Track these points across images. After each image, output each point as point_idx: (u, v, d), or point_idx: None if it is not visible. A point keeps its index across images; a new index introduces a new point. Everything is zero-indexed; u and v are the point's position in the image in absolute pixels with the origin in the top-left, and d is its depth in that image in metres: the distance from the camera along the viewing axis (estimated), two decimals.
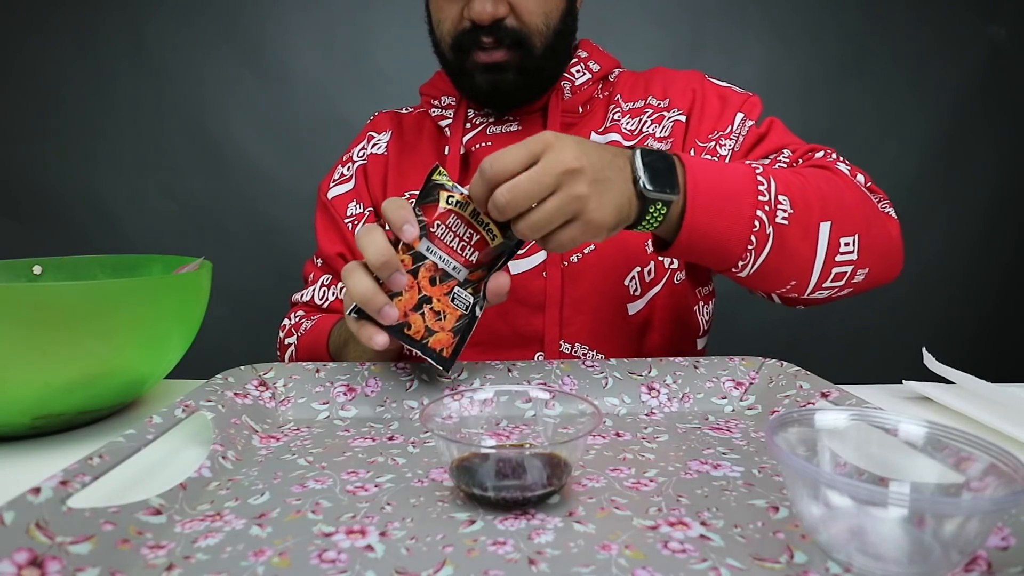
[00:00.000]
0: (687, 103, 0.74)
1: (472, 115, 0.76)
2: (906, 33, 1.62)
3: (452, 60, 0.71)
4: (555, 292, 0.69)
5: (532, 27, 0.68)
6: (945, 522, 0.28)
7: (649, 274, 0.71)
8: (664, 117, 0.74)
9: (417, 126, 0.82)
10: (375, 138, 0.83)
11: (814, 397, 0.51)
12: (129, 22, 1.56)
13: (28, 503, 0.30)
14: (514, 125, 0.74)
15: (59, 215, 1.61)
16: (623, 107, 0.76)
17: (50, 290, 0.45)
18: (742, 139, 0.71)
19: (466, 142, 0.74)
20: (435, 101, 0.78)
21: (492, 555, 0.31)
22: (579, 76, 0.75)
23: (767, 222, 0.54)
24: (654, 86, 0.77)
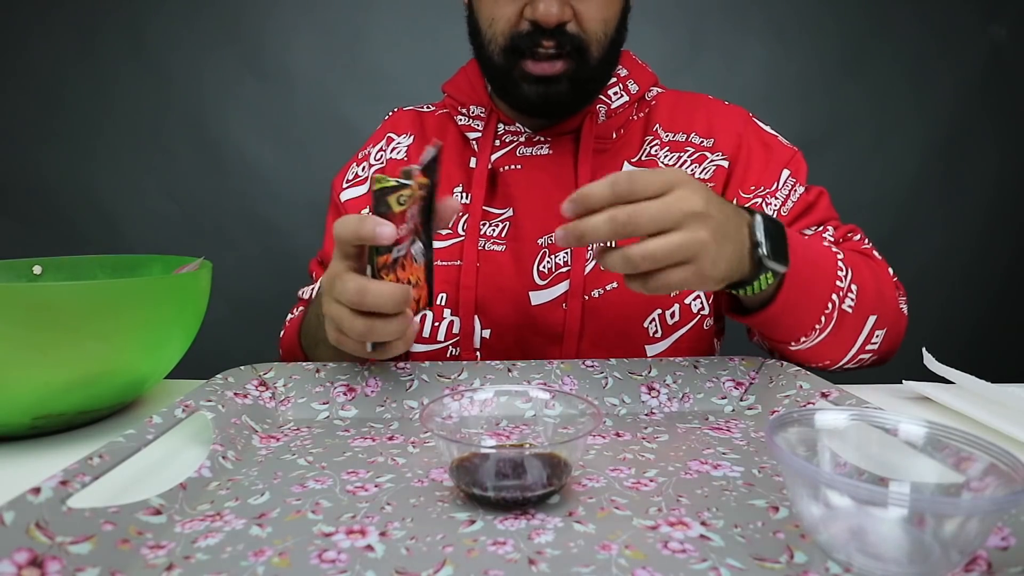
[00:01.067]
0: (732, 147, 0.71)
1: (502, 131, 0.72)
2: (906, 33, 1.62)
3: (501, 64, 0.66)
4: (574, 324, 0.67)
5: (592, 35, 0.64)
6: (945, 522, 0.28)
7: (672, 317, 0.69)
8: (706, 159, 0.71)
9: (440, 130, 0.77)
10: (395, 141, 0.79)
11: (814, 397, 0.51)
12: (130, 22, 1.56)
13: (28, 503, 0.30)
14: (544, 148, 0.71)
15: (59, 215, 1.61)
16: (662, 138, 0.72)
17: (50, 290, 0.45)
18: (791, 204, 0.70)
19: (494, 161, 0.71)
20: (463, 109, 0.74)
21: (492, 555, 0.31)
22: (616, 99, 0.72)
23: (837, 306, 0.56)
24: (697, 120, 0.73)
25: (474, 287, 0.68)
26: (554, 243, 0.62)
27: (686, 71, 1.59)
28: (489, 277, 0.69)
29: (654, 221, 0.43)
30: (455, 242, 0.70)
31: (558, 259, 0.69)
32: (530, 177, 0.70)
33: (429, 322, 0.70)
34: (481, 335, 0.69)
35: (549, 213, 0.69)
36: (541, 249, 0.69)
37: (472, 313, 0.68)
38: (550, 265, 0.69)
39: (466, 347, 0.69)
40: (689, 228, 0.44)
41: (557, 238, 0.46)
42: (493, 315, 0.69)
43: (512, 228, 0.70)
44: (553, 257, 0.69)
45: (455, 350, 0.70)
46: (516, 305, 0.69)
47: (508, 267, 0.69)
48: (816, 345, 0.59)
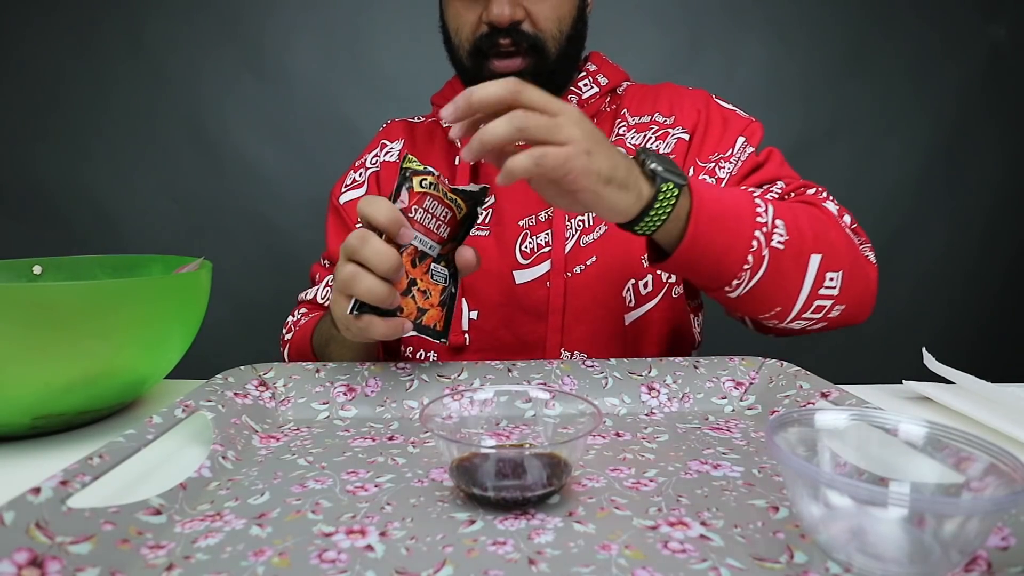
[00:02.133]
0: (692, 122, 0.75)
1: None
2: (906, 33, 1.62)
3: (470, 67, 0.72)
4: (558, 301, 0.71)
5: (547, 32, 0.69)
6: (945, 522, 0.28)
7: (645, 287, 0.73)
8: (668, 134, 0.75)
9: (429, 136, 0.83)
10: (388, 146, 0.84)
11: (814, 397, 0.51)
12: (129, 22, 1.56)
13: (28, 503, 0.30)
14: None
15: (59, 215, 1.61)
16: (629, 121, 0.77)
17: (50, 290, 0.45)
18: (740, 163, 0.73)
19: None
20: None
21: (492, 555, 0.31)
22: (586, 90, 0.77)
23: (763, 244, 0.55)
24: (661, 102, 0.78)
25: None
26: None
27: (686, 71, 1.59)
28: None
29: (544, 125, 0.46)
30: None
31: (539, 240, 0.73)
32: None
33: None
34: (469, 316, 0.73)
35: (529, 197, 0.73)
36: (522, 231, 0.73)
37: (460, 296, 0.72)
38: (532, 246, 0.73)
39: (455, 329, 0.72)
40: (568, 116, 0.47)
41: (464, 153, 0.48)
42: (479, 296, 0.73)
43: (494, 215, 0.74)
44: (534, 238, 0.73)
45: None
46: (501, 285, 0.72)
47: (492, 250, 0.73)
48: (754, 289, 0.57)
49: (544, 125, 0.46)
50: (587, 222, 0.72)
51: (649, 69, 1.57)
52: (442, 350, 0.74)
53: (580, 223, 0.72)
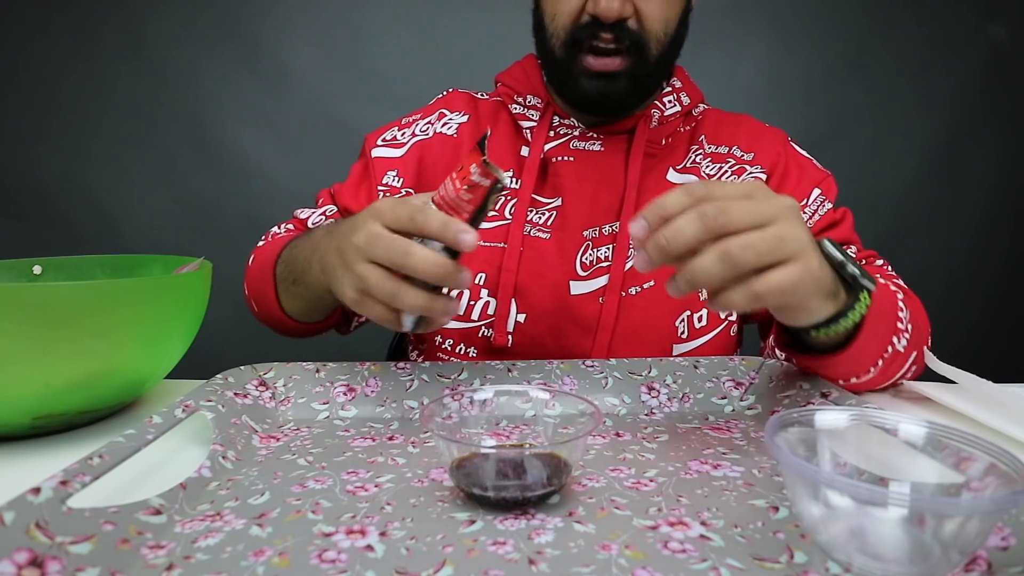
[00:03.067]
0: (770, 163, 0.74)
1: (556, 123, 0.73)
2: (906, 33, 1.62)
3: (561, 58, 0.68)
4: (609, 319, 0.69)
5: (652, 33, 0.66)
6: (945, 522, 0.28)
7: (699, 320, 0.70)
8: (745, 171, 0.74)
9: (494, 117, 0.78)
10: (447, 117, 0.78)
11: (814, 397, 0.51)
12: (129, 22, 1.56)
13: (28, 503, 0.30)
14: (597, 144, 0.72)
15: (59, 215, 1.61)
16: (706, 148, 0.75)
17: (50, 290, 0.45)
18: (817, 218, 0.72)
19: (547, 150, 0.72)
20: (518, 98, 0.75)
21: (492, 555, 0.31)
22: (669, 107, 0.73)
23: (896, 347, 0.55)
24: (740, 136, 0.76)
25: (515, 270, 0.70)
26: (629, 248, 0.65)
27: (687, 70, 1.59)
28: (531, 263, 0.70)
29: (747, 213, 0.38)
30: (500, 224, 0.71)
31: (600, 253, 0.70)
32: (581, 170, 0.71)
33: (465, 300, 0.71)
34: (516, 319, 0.70)
35: (597, 207, 0.71)
36: (585, 241, 0.70)
37: (510, 296, 0.70)
38: (592, 258, 0.70)
39: (499, 329, 0.70)
40: (786, 221, 0.39)
41: (637, 264, 0.42)
42: (530, 300, 0.70)
43: (559, 218, 0.71)
44: (595, 251, 0.70)
45: (488, 331, 0.71)
46: (555, 292, 0.70)
47: (551, 255, 0.70)
48: (863, 383, 0.57)
49: (766, 248, 0.38)
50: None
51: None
52: (482, 348, 0.71)
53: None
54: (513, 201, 0.72)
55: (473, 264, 0.70)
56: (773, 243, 0.38)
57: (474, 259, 0.70)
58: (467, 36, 1.54)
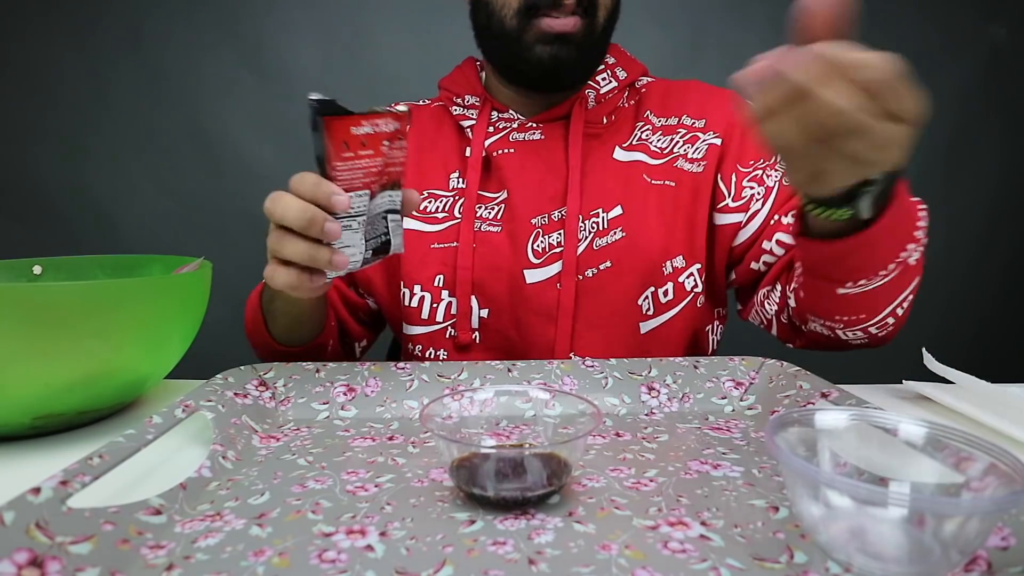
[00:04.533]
0: (724, 125, 0.73)
1: (495, 118, 0.74)
2: (906, 33, 1.62)
3: (513, 28, 0.67)
4: (568, 304, 0.69)
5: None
6: (945, 522, 0.28)
7: (665, 295, 0.71)
8: (698, 139, 0.73)
9: (436, 121, 0.79)
10: None
11: (814, 397, 0.51)
12: (128, 21, 1.56)
13: (28, 503, 0.30)
14: (536, 133, 0.73)
15: (59, 215, 1.61)
16: (654, 123, 0.74)
17: (50, 290, 0.45)
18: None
19: (488, 146, 0.73)
20: (457, 99, 0.76)
21: (492, 555, 0.31)
22: (604, 84, 0.74)
23: (908, 257, 0.53)
24: (689, 103, 0.75)
25: (471, 267, 0.70)
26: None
27: (687, 70, 1.58)
28: (485, 257, 0.71)
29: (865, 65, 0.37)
30: (451, 224, 0.72)
31: (551, 239, 0.70)
32: (523, 160, 0.72)
33: (428, 303, 0.72)
34: (479, 314, 0.71)
35: (542, 195, 0.71)
36: (535, 229, 0.71)
37: (469, 293, 0.70)
38: (543, 245, 0.70)
39: (463, 327, 0.71)
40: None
41: (745, 77, 0.39)
42: (489, 294, 0.71)
43: (507, 210, 0.71)
44: (546, 237, 0.71)
45: (453, 331, 0.72)
46: (511, 283, 0.70)
47: (504, 247, 0.71)
48: (867, 292, 0.55)
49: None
50: (601, 225, 0.70)
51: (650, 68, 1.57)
52: (450, 348, 0.72)
53: (594, 225, 0.70)
54: (461, 200, 0.73)
55: (430, 266, 0.72)
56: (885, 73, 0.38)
57: (430, 261, 0.72)
58: (467, 36, 1.54)
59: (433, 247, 0.72)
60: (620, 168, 0.72)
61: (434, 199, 0.74)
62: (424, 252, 0.72)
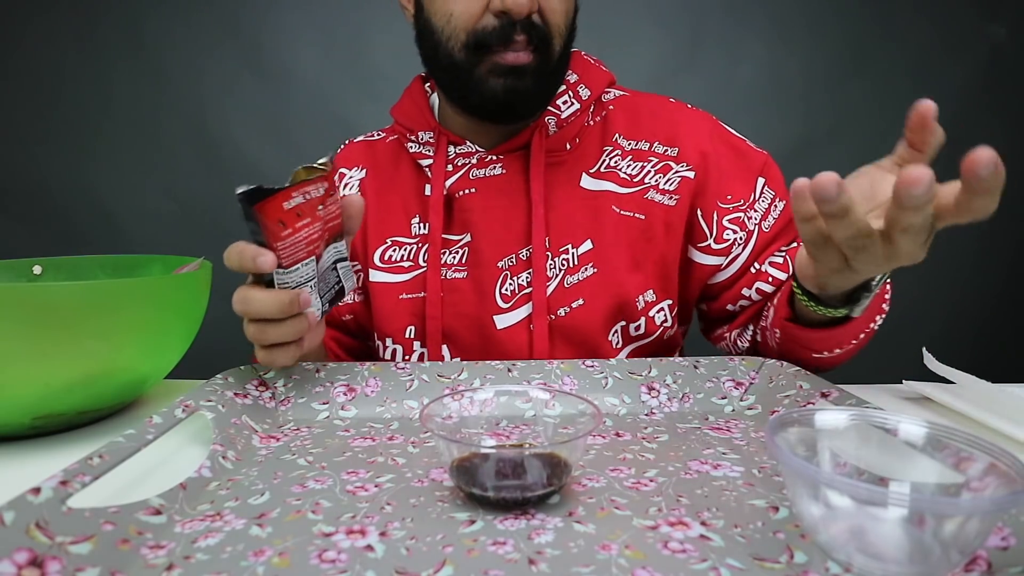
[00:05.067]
0: (697, 157, 0.69)
1: (453, 154, 0.69)
2: (907, 32, 1.62)
3: (462, 61, 0.62)
4: (542, 345, 0.66)
5: (555, 27, 0.62)
6: (945, 522, 0.28)
7: (637, 329, 0.69)
8: (671, 168, 0.69)
9: (393, 159, 0.74)
10: (347, 176, 0.76)
11: (814, 397, 0.51)
12: (129, 21, 1.56)
13: (28, 503, 0.30)
14: (497, 168, 0.68)
15: (59, 215, 1.61)
16: (624, 147, 0.70)
17: (50, 290, 0.45)
18: (772, 219, 0.69)
19: (448, 187, 0.69)
20: (411, 136, 0.71)
21: (492, 555, 0.31)
22: (566, 107, 0.68)
23: (875, 325, 0.59)
24: (659, 127, 0.71)
25: (440, 316, 0.68)
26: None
27: (687, 70, 1.59)
28: (453, 305, 0.68)
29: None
30: (417, 274, 0.70)
31: (520, 280, 0.68)
32: (485, 200, 0.68)
33: (400, 356, 0.71)
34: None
35: (508, 235, 0.68)
36: (502, 272, 0.68)
37: (439, 343, 0.68)
38: (512, 287, 0.68)
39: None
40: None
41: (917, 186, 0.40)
42: (461, 343, 0.69)
43: (471, 254, 0.68)
44: (515, 279, 0.68)
45: None
46: (481, 331, 0.68)
47: (470, 294, 0.68)
48: (839, 354, 0.60)
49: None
50: (571, 262, 0.67)
51: (649, 69, 1.57)
52: None
53: (564, 262, 0.67)
54: (425, 247, 0.70)
55: (400, 317, 0.70)
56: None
57: (400, 312, 0.70)
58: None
59: (402, 298, 0.70)
60: (588, 198, 0.68)
61: (398, 247, 0.71)
62: (394, 304, 0.70)
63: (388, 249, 0.72)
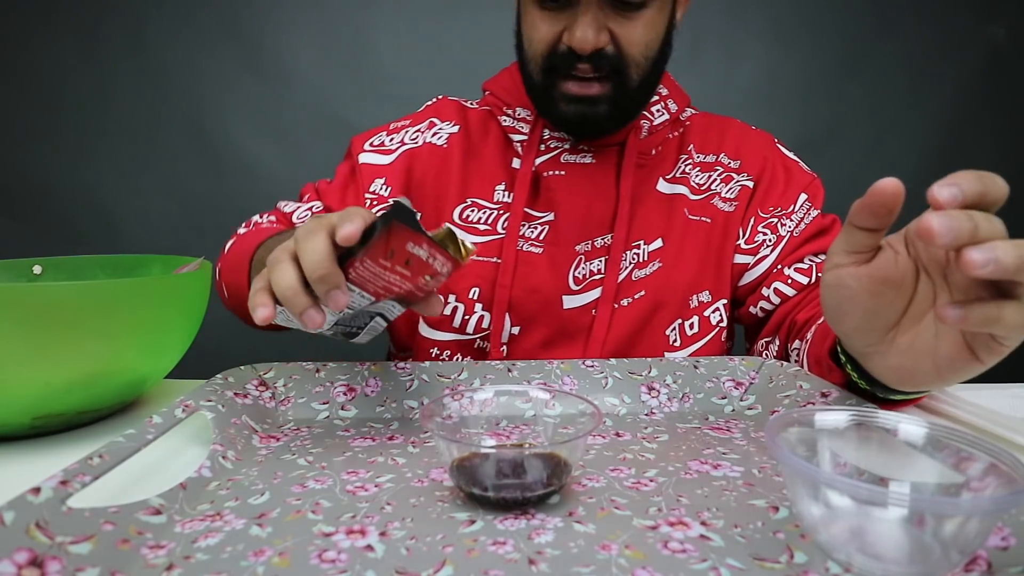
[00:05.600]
0: (757, 169, 0.75)
1: (547, 136, 0.73)
2: (905, 33, 1.62)
3: (539, 82, 0.67)
4: (601, 331, 0.69)
5: (631, 58, 0.64)
6: (945, 522, 0.28)
7: (691, 328, 0.72)
8: (733, 179, 0.74)
9: (483, 128, 0.76)
10: (437, 126, 0.77)
11: (814, 397, 0.51)
12: (129, 22, 1.56)
13: (28, 503, 0.30)
14: (588, 156, 0.72)
15: (59, 215, 1.61)
16: (695, 158, 0.75)
17: (50, 290, 0.45)
18: (804, 225, 0.73)
19: (538, 165, 0.72)
20: (507, 109, 0.74)
21: (492, 555, 0.31)
22: (658, 116, 0.73)
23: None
24: (727, 142, 0.76)
25: (509, 286, 0.70)
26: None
27: (686, 71, 1.58)
28: (524, 278, 0.70)
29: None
30: (492, 239, 0.71)
31: (592, 266, 0.71)
32: (573, 183, 0.71)
33: (460, 315, 0.71)
34: (510, 331, 0.71)
35: (589, 220, 0.71)
36: (578, 255, 0.71)
37: (504, 311, 0.70)
38: (585, 272, 0.71)
39: (494, 343, 0.71)
40: None
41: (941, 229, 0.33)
42: (524, 314, 0.71)
43: (551, 232, 0.71)
44: (588, 264, 0.71)
45: (484, 344, 0.72)
46: (548, 307, 0.70)
47: (544, 270, 0.70)
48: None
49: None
50: (641, 257, 0.71)
51: None
52: (476, 359, 0.72)
53: (635, 256, 0.71)
54: (505, 215, 0.72)
55: (468, 277, 0.71)
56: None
57: (468, 272, 0.71)
58: (467, 37, 1.54)
59: (472, 259, 0.71)
60: (663, 200, 0.73)
61: (477, 209, 0.73)
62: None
63: (467, 208, 0.73)
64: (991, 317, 0.33)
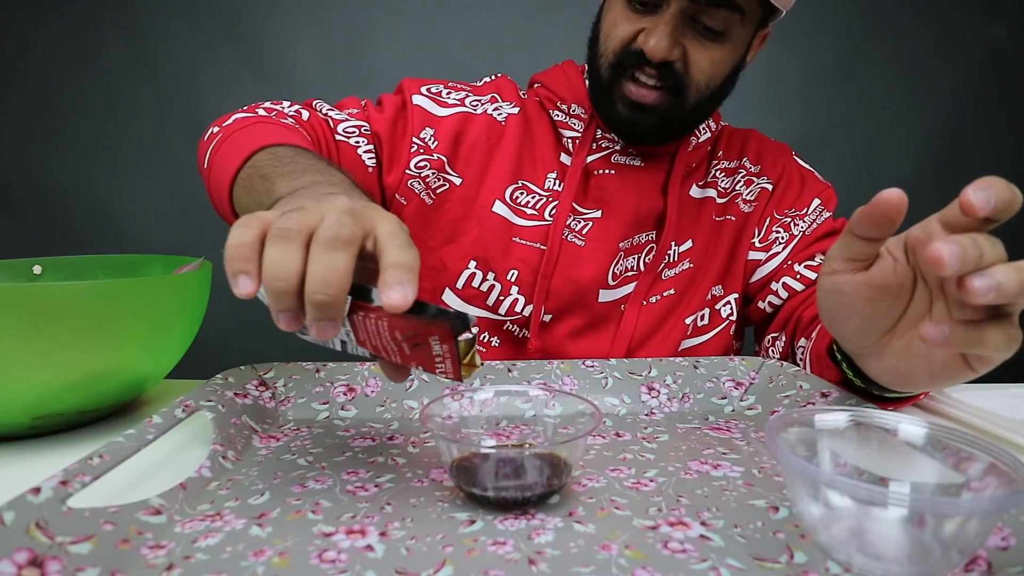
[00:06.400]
0: (776, 174, 0.77)
1: (599, 135, 0.73)
2: (904, 34, 1.62)
3: (605, 79, 0.68)
4: (628, 326, 0.72)
5: (694, 80, 0.66)
6: (945, 522, 0.28)
7: (702, 319, 0.75)
8: (753, 182, 0.77)
9: (537, 117, 0.76)
10: (499, 102, 0.76)
11: (814, 397, 0.51)
12: (131, 23, 1.56)
13: (28, 503, 0.30)
14: (638, 160, 0.73)
15: (59, 215, 1.61)
16: (722, 164, 0.78)
17: (50, 290, 0.45)
18: (816, 225, 0.75)
19: (589, 162, 0.73)
20: (561, 104, 0.75)
21: (492, 555, 0.31)
22: (703, 134, 0.76)
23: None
24: (749, 149, 0.79)
25: (551, 275, 0.71)
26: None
27: None
28: (566, 268, 0.72)
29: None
30: (538, 224, 0.72)
31: (628, 263, 0.73)
32: (623, 183, 0.73)
33: (496, 292, 0.72)
34: (542, 318, 0.72)
35: (634, 221, 0.73)
36: (619, 252, 0.73)
37: (542, 301, 0.71)
38: (621, 268, 0.73)
39: (533, 331, 0.72)
40: None
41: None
42: (559, 303, 0.72)
43: (595, 228, 0.72)
44: (625, 261, 0.73)
45: (513, 327, 0.73)
46: (584, 298, 0.72)
47: (586, 264, 0.72)
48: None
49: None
50: (672, 257, 0.74)
51: None
52: (505, 339, 0.74)
53: (667, 256, 0.73)
54: (554, 204, 0.72)
55: (510, 259, 0.72)
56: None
57: (511, 254, 0.72)
58: (467, 37, 1.54)
59: (515, 240, 0.72)
60: (694, 204, 0.75)
61: (527, 192, 0.73)
62: (507, 242, 0.72)
63: (518, 190, 0.74)
64: (972, 339, 0.33)
